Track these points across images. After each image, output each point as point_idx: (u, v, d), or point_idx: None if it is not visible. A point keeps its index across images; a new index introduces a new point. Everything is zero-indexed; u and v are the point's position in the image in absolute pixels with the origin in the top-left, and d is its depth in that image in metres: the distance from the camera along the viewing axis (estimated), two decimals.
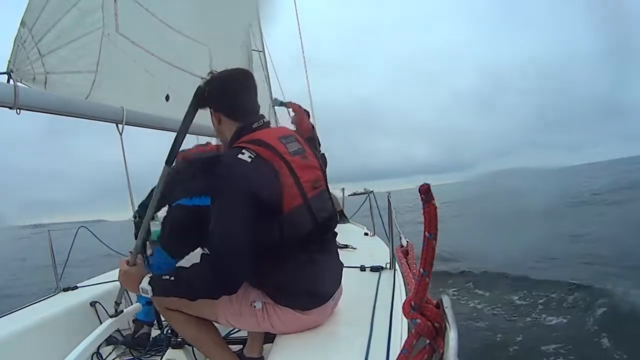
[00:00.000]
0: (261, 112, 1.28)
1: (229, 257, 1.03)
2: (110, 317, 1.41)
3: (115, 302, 1.47)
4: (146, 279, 1.12)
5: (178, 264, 1.52)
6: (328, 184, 1.32)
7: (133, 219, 1.92)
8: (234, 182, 1.04)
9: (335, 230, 1.31)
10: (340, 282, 1.31)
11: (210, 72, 1.22)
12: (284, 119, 3.66)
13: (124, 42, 2.26)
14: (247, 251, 1.04)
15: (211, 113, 1.23)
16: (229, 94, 1.20)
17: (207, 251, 1.21)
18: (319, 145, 3.44)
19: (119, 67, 2.22)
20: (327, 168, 3.27)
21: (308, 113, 3.60)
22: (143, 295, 1.13)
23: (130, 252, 1.29)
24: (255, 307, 1.19)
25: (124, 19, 2.23)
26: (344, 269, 1.35)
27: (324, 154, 3.58)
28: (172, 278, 1.08)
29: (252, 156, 1.06)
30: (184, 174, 1.87)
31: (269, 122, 1.24)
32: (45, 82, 1.82)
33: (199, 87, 1.16)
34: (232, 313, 1.22)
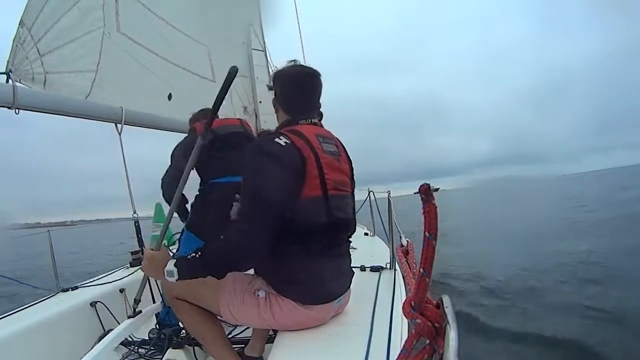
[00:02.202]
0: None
1: (259, 218, 1.04)
2: (129, 317, 1.36)
3: (135, 299, 1.41)
4: (171, 262, 1.10)
5: None
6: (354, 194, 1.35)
7: (134, 222, 1.91)
8: (267, 157, 1.09)
9: (350, 238, 1.32)
10: (348, 287, 1.30)
11: (292, 61, 1.28)
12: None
13: (126, 41, 2.25)
14: (276, 215, 1.06)
15: (273, 100, 1.32)
16: (288, 89, 1.27)
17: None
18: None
19: (120, 66, 2.21)
20: None
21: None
22: (167, 278, 1.09)
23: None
24: (259, 296, 1.20)
25: (126, 18, 2.23)
26: None
27: None
28: (198, 254, 1.07)
29: (287, 142, 1.12)
30: (215, 151, 1.83)
31: (316, 123, 1.28)
32: (45, 82, 1.81)
33: (232, 67, 1.18)
34: (235, 303, 1.23)
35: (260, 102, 3.93)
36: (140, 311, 1.37)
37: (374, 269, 1.83)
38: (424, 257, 0.54)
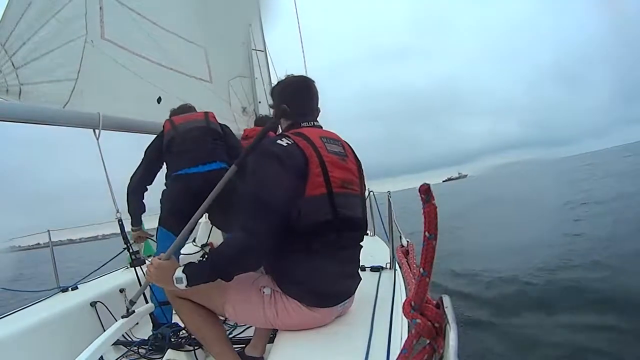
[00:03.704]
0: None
1: (261, 218, 1.06)
2: (122, 317, 1.39)
3: (131, 300, 1.44)
4: (180, 269, 1.10)
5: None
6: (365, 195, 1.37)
7: (118, 221, 1.97)
8: (268, 157, 1.12)
9: (360, 243, 1.32)
10: (353, 292, 1.30)
11: (289, 75, 1.36)
12: None
13: (111, 48, 2.27)
14: (277, 214, 1.08)
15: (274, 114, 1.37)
16: (284, 97, 1.32)
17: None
18: None
19: (104, 72, 2.23)
20: None
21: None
22: (177, 285, 1.10)
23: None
24: (264, 293, 1.21)
25: (112, 24, 2.25)
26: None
27: None
28: (205, 258, 1.09)
29: (289, 142, 1.15)
30: (176, 146, 1.92)
31: (320, 126, 1.32)
32: (20, 93, 1.84)
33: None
34: (241, 300, 1.24)
35: (260, 102, 3.93)
36: (134, 311, 1.40)
37: (374, 269, 1.84)
38: (424, 257, 0.54)
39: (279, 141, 1.15)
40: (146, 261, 2.47)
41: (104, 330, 1.93)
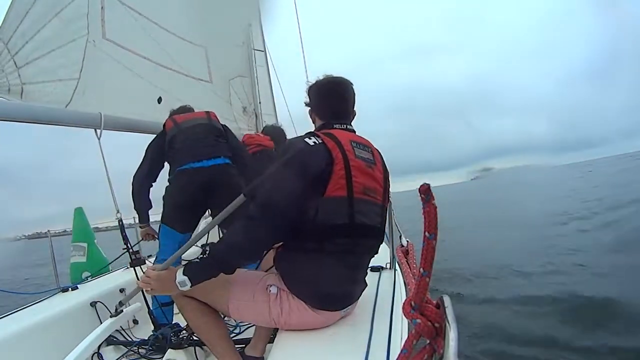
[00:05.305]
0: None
1: (263, 214, 1.07)
2: (111, 316, 1.41)
3: (120, 302, 1.46)
4: (180, 271, 1.10)
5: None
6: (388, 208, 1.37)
7: (117, 221, 1.99)
8: (292, 154, 1.13)
9: (374, 252, 1.32)
10: (358, 297, 1.30)
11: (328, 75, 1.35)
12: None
13: (112, 48, 2.28)
14: (288, 209, 1.09)
15: (309, 112, 1.38)
16: (319, 97, 1.33)
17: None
18: None
19: (105, 72, 2.23)
20: None
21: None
22: (182, 289, 1.10)
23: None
24: (270, 291, 1.21)
25: (113, 24, 2.25)
26: None
27: None
28: (206, 254, 1.08)
29: (317, 142, 1.15)
30: (178, 143, 1.93)
31: (353, 130, 1.31)
32: (22, 93, 1.84)
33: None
34: (246, 299, 1.24)
35: (260, 102, 3.93)
36: (122, 311, 1.45)
37: (374, 269, 1.83)
38: (424, 257, 0.54)
39: (307, 139, 1.14)
40: (146, 261, 2.48)
41: None
